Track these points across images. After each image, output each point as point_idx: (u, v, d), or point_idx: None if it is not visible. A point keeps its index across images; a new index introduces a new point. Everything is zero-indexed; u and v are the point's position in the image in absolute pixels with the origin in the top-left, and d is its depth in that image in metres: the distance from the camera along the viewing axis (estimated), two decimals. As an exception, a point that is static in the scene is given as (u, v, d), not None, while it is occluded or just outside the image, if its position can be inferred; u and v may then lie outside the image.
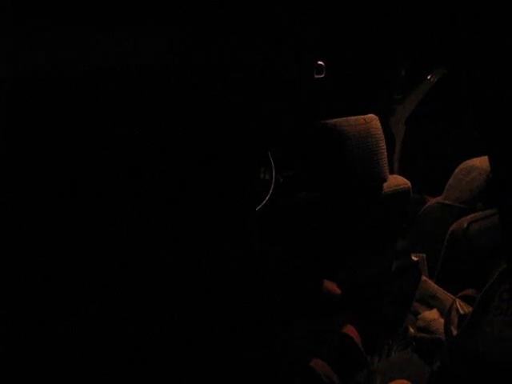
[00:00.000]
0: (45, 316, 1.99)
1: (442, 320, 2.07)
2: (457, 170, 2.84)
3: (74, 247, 2.07)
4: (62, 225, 2.06)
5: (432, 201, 2.92)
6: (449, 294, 2.31)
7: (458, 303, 1.93)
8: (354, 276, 2.25)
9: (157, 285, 2.06)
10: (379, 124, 2.23)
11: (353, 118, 2.17)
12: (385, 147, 2.22)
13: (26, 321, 1.97)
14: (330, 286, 2.14)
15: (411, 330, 2.19)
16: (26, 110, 2.06)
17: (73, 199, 2.08)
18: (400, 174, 2.54)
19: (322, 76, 2.72)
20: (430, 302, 2.38)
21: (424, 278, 2.45)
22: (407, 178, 2.44)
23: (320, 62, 2.65)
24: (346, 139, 2.10)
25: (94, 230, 2.08)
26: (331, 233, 2.16)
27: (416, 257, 2.48)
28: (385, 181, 2.25)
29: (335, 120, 2.14)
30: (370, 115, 2.23)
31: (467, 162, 2.84)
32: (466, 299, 1.96)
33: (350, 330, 1.98)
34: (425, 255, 2.60)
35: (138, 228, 2.15)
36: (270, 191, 2.35)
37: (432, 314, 2.20)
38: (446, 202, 2.80)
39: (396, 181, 2.35)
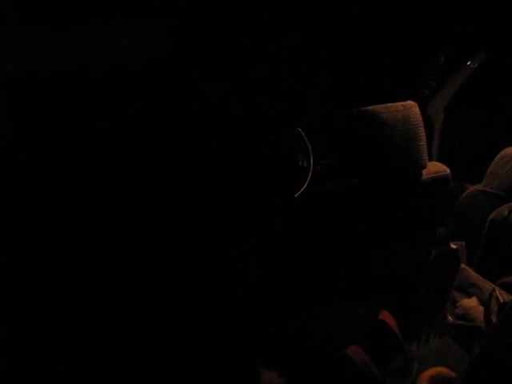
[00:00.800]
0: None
1: (481, 308, 2.05)
2: (497, 158, 2.80)
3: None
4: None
5: (471, 188, 2.89)
6: (488, 283, 2.28)
7: (498, 291, 1.92)
8: (392, 263, 2.24)
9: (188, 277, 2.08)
10: (418, 110, 2.21)
11: (391, 104, 2.16)
12: (424, 134, 2.20)
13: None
14: (368, 272, 2.14)
15: (450, 317, 2.17)
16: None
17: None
18: (439, 161, 2.52)
19: (359, 61, 2.72)
20: (469, 290, 2.36)
21: (463, 266, 2.43)
22: (446, 166, 2.42)
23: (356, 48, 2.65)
24: (385, 126, 2.09)
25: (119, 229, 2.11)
26: (370, 220, 2.16)
27: (455, 245, 2.46)
28: (424, 168, 2.23)
29: (374, 106, 2.13)
30: (409, 102, 2.21)
31: (507, 149, 2.80)
32: (506, 287, 1.94)
33: (387, 317, 1.98)
34: (464, 243, 2.57)
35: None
36: (308, 178, 2.35)
37: (471, 302, 2.18)
38: (486, 189, 2.77)
39: (435, 168, 2.33)
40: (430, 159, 2.60)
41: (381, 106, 2.14)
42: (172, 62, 2.20)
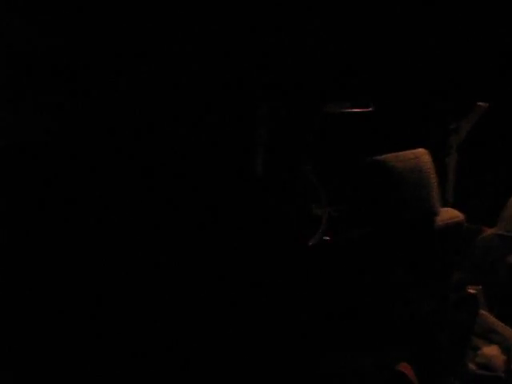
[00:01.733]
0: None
1: (503, 357, 2.02)
2: (511, 200, 2.79)
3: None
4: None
5: (487, 232, 2.87)
6: (509, 329, 2.26)
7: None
8: (409, 311, 2.23)
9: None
10: (429, 158, 2.22)
11: (402, 153, 2.17)
12: (435, 181, 2.20)
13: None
14: (384, 322, 2.12)
15: (471, 366, 2.14)
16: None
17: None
18: (454, 203, 2.52)
19: (371, 110, 2.74)
20: (489, 336, 2.33)
21: (482, 311, 2.40)
22: (461, 207, 2.42)
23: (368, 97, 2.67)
24: (397, 175, 2.10)
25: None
26: (385, 268, 2.15)
27: (473, 289, 2.44)
28: (436, 215, 2.23)
29: (385, 156, 2.14)
30: (419, 149, 2.22)
31: (522, 191, 2.79)
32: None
33: (406, 368, 1.95)
34: (481, 287, 2.55)
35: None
36: (322, 226, 2.36)
37: (492, 350, 2.15)
38: (502, 232, 2.75)
39: (448, 214, 2.32)
40: (446, 201, 2.60)
41: (392, 155, 2.15)
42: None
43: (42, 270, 2.14)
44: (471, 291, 2.41)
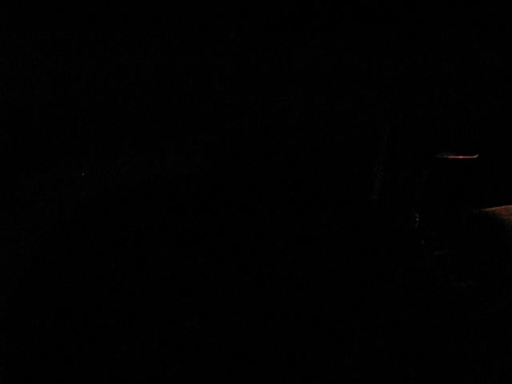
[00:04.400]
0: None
1: None
2: None
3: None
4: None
5: None
6: None
7: None
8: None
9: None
10: (539, 213, 2.19)
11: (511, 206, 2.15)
12: (545, 237, 2.17)
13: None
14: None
15: None
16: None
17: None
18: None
19: (475, 157, 2.71)
20: None
21: None
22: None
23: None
24: (506, 228, 2.08)
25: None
26: (490, 324, 2.13)
27: None
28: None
29: (494, 208, 2.13)
30: (529, 203, 2.20)
31: None
32: None
33: None
34: None
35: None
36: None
37: None
38: None
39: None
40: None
41: (502, 207, 2.14)
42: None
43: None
44: None
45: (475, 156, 2.74)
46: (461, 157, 2.71)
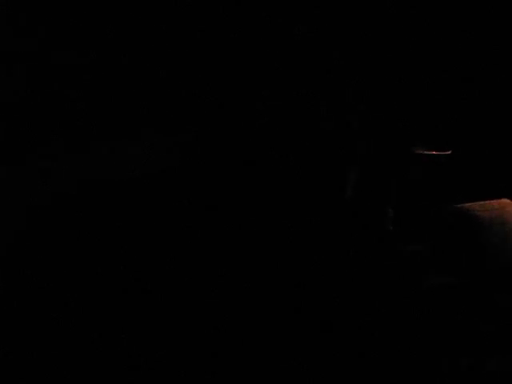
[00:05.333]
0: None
1: None
2: None
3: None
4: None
5: None
6: None
7: None
8: (490, 366, 2.20)
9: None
10: (513, 209, 2.21)
11: (487, 202, 2.16)
12: (520, 233, 2.19)
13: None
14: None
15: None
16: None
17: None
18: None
19: (449, 153, 2.73)
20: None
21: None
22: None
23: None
24: (481, 225, 2.09)
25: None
26: (466, 318, 2.14)
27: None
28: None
29: (469, 204, 2.14)
30: (503, 200, 2.21)
31: None
32: None
33: None
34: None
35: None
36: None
37: None
38: None
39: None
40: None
41: (476, 203, 2.15)
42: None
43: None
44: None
45: (449, 152, 2.76)
46: (435, 152, 2.72)
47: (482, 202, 2.17)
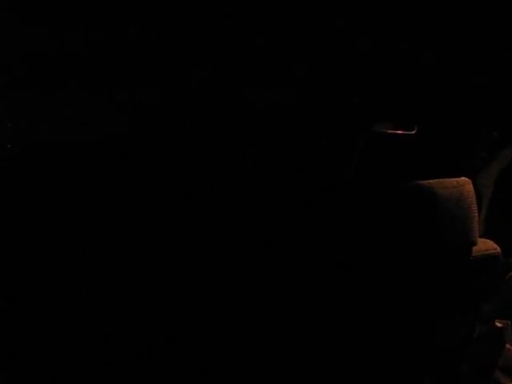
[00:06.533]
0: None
1: (526, 394, 2.00)
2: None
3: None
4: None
5: (520, 266, 2.85)
6: (535, 367, 2.24)
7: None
8: (435, 340, 2.22)
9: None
10: (472, 188, 2.21)
11: (446, 180, 2.17)
12: (476, 211, 2.20)
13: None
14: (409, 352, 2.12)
15: (493, 401, 2.13)
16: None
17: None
18: (486, 236, 2.50)
19: (413, 133, 2.73)
20: (513, 372, 2.32)
21: (508, 346, 2.39)
22: (493, 240, 2.40)
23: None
24: (440, 201, 2.10)
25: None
26: (417, 295, 2.15)
27: (500, 323, 2.42)
28: (474, 245, 2.22)
29: (429, 181, 2.14)
30: (463, 178, 2.22)
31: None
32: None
33: None
34: (510, 322, 2.53)
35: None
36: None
37: (516, 387, 2.14)
38: (535, 269, 2.72)
39: (485, 245, 2.31)
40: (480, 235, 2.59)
41: (436, 180, 2.15)
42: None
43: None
44: (498, 325, 2.40)
45: (413, 131, 2.76)
46: (399, 132, 2.72)
47: (441, 180, 2.17)
